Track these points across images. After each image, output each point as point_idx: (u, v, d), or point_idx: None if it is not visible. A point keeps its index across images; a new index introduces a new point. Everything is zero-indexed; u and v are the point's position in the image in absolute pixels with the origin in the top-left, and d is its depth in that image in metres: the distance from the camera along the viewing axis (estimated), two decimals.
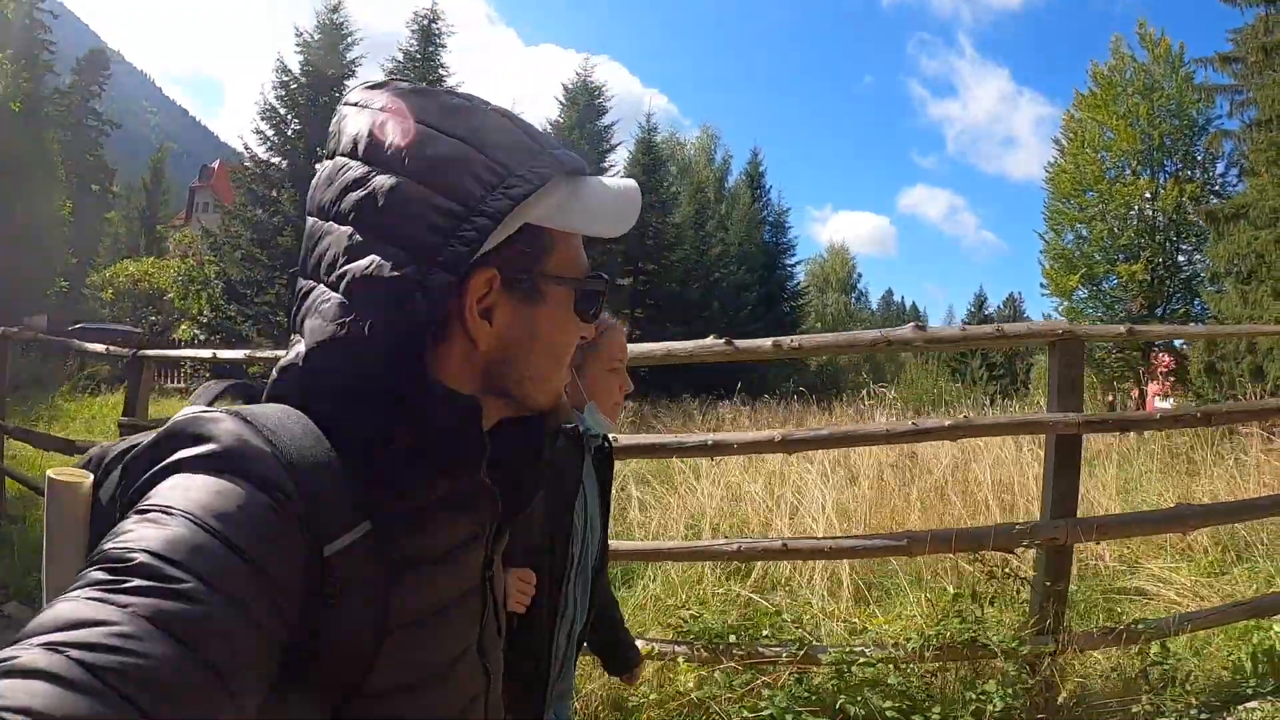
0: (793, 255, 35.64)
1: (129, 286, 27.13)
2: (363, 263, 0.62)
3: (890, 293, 69.84)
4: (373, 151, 0.65)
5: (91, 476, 0.67)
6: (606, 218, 0.72)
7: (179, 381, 18.75)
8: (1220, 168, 26.17)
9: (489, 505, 0.72)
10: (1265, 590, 4.18)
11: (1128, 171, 26.63)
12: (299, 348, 0.65)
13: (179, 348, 21.44)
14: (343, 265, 0.63)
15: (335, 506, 0.58)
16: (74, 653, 0.41)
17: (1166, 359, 25.50)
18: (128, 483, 0.57)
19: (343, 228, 0.65)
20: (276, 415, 0.60)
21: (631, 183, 0.75)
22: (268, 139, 21.75)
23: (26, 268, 26.60)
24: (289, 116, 21.73)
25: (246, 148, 21.90)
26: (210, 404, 0.66)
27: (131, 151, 58.53)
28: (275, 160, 21.63)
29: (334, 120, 0.71)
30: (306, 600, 0.55)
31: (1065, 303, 27.38)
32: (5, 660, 0.41)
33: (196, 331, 21.72)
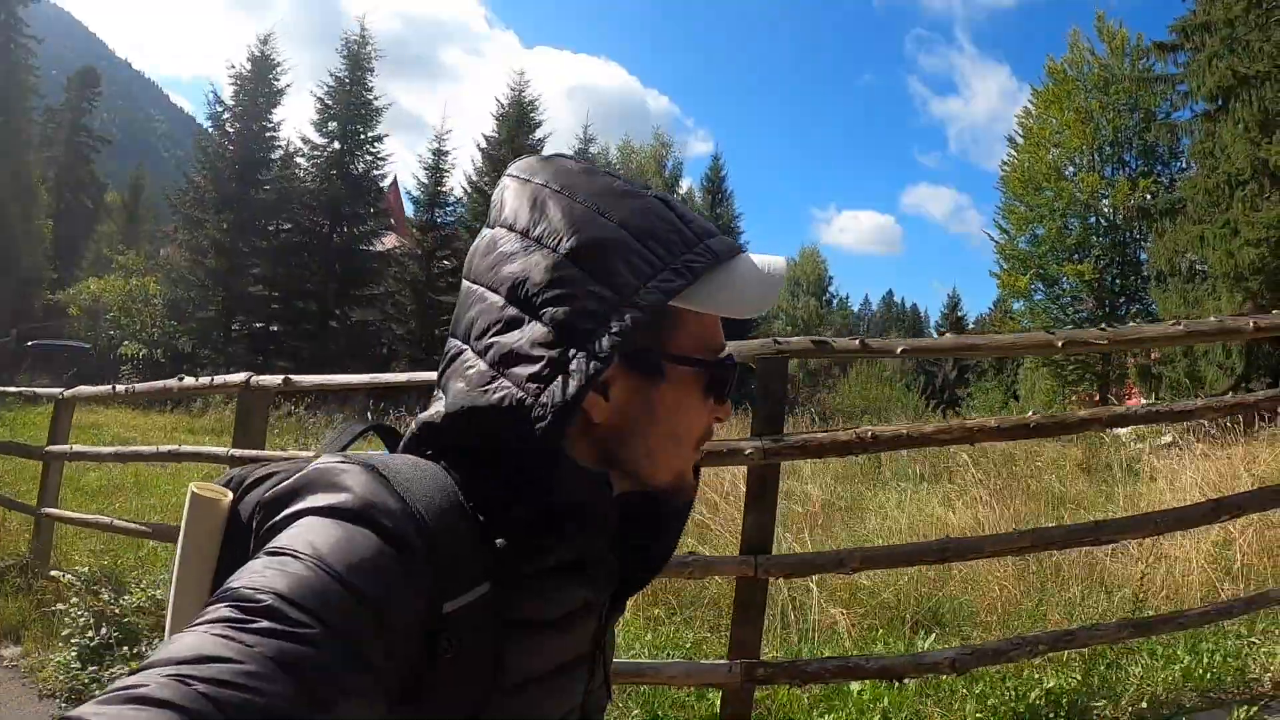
0: None
1: (90, 304, 29.75)
2: (512, 336, 0.68)
3: (891, 294, 70.71)
4: (532, 227, 0.70)
5: (231, 495, 0.71)
6: (742, 300, 0.74)
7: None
8: (1182, 162, 26.77)
9: (608, 576, 0.76)
10: None
11: (1070, 169, 27.34)
12: (439, 407, 0.70)
13: (123, 363, 23.99)
14: (492, 336, 0.69)
15: (459, 564, 0.62)
16: (200, 686, 0.45)
17: (1132, 362, 26.29)
18: (263, 519, 0.63)
19: (495, 297, 0.70)
20: (410, 469, 0.64)
21: (776, 262, 0.78)
22: (204, 164, 24.03)
23: (3, 287, 29.63)
24: (224, 144, 24.01)
25: (184, 175, 24.53)
26: (348, 444, 0.72)
27: (139, 162, 62.17)
28: (207, 186, 23.77)
29: (496, 190, 0.77)
30: (422, 653, 0.59)
31: (1025, 303, 28.40)
32: (132, 687, 0.45)
33: (139, 346, 24.16)
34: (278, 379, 3.86)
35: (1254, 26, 20.44)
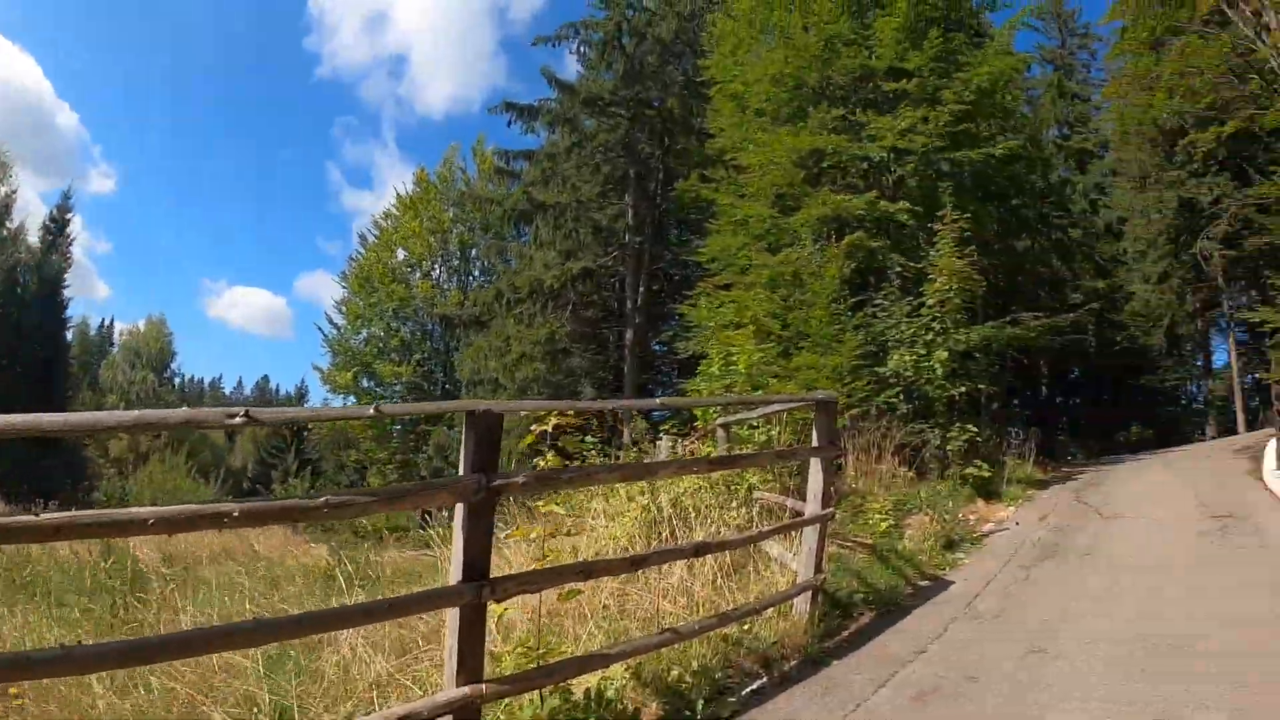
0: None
1: None
2: None
3: (267, 378, 72.20)
4: None
5: None
6: None
7: None
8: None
9: None
10: None
11: (418, 274, 30.06)
12: None
13: None
14: None
15: None
16: None
17: None
18: None
19: None
20: None
21: None
22: None
23: None
24: None
25: None
26: None
27: None
28: None
29: None
30: None
31: (351, 397, 29.28)
32: None
33: None
34: None
35: (575, 164, 24.46)
